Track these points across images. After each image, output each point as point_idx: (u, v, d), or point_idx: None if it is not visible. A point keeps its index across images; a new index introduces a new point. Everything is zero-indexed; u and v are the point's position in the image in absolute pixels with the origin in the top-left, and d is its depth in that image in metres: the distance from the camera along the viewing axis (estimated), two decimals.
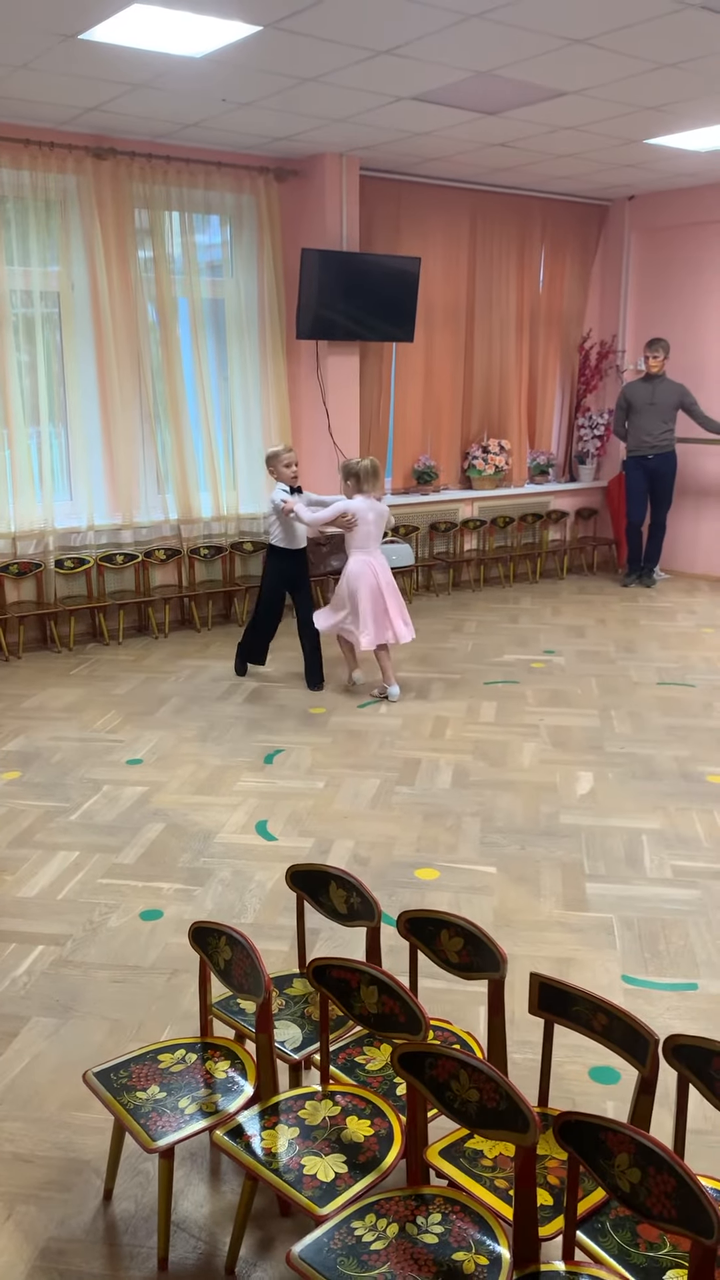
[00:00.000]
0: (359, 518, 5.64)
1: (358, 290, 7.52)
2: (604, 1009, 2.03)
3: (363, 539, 5.68)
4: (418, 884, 3.77)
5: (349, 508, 5.63)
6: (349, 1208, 1.88)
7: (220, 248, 7.51)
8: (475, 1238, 1.80)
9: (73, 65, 5.25)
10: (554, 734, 5.31)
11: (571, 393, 9.56)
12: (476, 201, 8.44)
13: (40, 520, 6.86)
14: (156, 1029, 2.93)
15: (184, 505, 7.42)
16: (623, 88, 5.73)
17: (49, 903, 3.63)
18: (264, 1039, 2.16)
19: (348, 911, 2.48)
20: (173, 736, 5.28)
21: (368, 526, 5.67)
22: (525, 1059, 2.75)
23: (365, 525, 5.65)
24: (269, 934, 3.41)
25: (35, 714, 5.61)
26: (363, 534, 5.67)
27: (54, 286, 6.77)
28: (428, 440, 8.72)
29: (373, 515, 5.69)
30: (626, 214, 9.15)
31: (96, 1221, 2.27)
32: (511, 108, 6.13)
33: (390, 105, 6.07)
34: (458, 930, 2.28)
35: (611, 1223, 1.87)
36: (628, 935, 3.42)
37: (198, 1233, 2.24)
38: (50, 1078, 2.73)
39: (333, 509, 5.66)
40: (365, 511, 5.65)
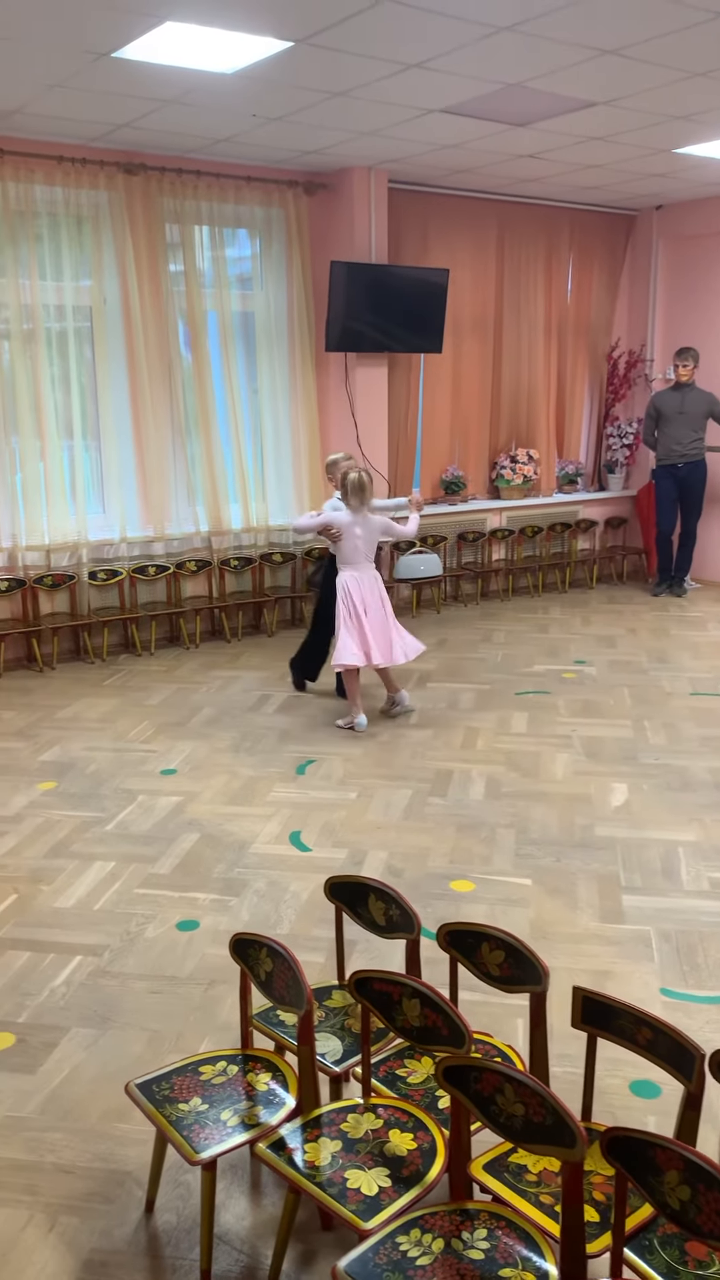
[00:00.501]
0: (344, 531, 5.45)
1: (386, 302, 7.54)
2: (648, 1023, 2.02)
3: (349, 553, 5.48)
4: (452, 896, 3.76)
5: (332, 519, 5.48)
6: (394, 1222, 1.88)
7: (250, 261, 7.56)
8: (522, 1254, 1.79)
9: (105, 83, 5.31)
10: (587, 745, 5.29)
11: (600, 402, 9.54)
12: (504, 213, 8.46)
13: (74, 532, 6.91)
14: (195, 1040, 2.94)
15: (214, 517, 7.46)
16: (652, 98, 5.73)
17: (86, 913, 3.65)
18: (306, 1051, 2.16)
19: (387, 924, 2.47)
20: (205, 747, 5.30)
21: (354, 541, 5.46)
22: (564, 1072, 2.73)
23: (351, 540, 5.46)
24: (305, 945, 3.41)
25: (70, 724, 5.65)
26: (349, 548, 5.47)
27: (86, 301, 6.84)
28: (455, 450, 8.72)
29: (360, 530, 5.47)
30: (655, 223, 9.13)
31: (139, 1233, 2.27)
32: (541, 119, 6.14)
33: (419, 118, 6.09)
34: (499, 943, 2.28)
35: (659, 1240, 1.86)
36: (666, 948, 3.40)
37: (240, 1245, 2.24)
38: (90, 1088, 2.74)
39: (320, 519, 5.53)
40: (350, 525, 5.45)
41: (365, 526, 5.48)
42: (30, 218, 6.48)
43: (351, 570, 5.51)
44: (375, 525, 5.52)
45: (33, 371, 6.63)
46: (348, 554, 5.50)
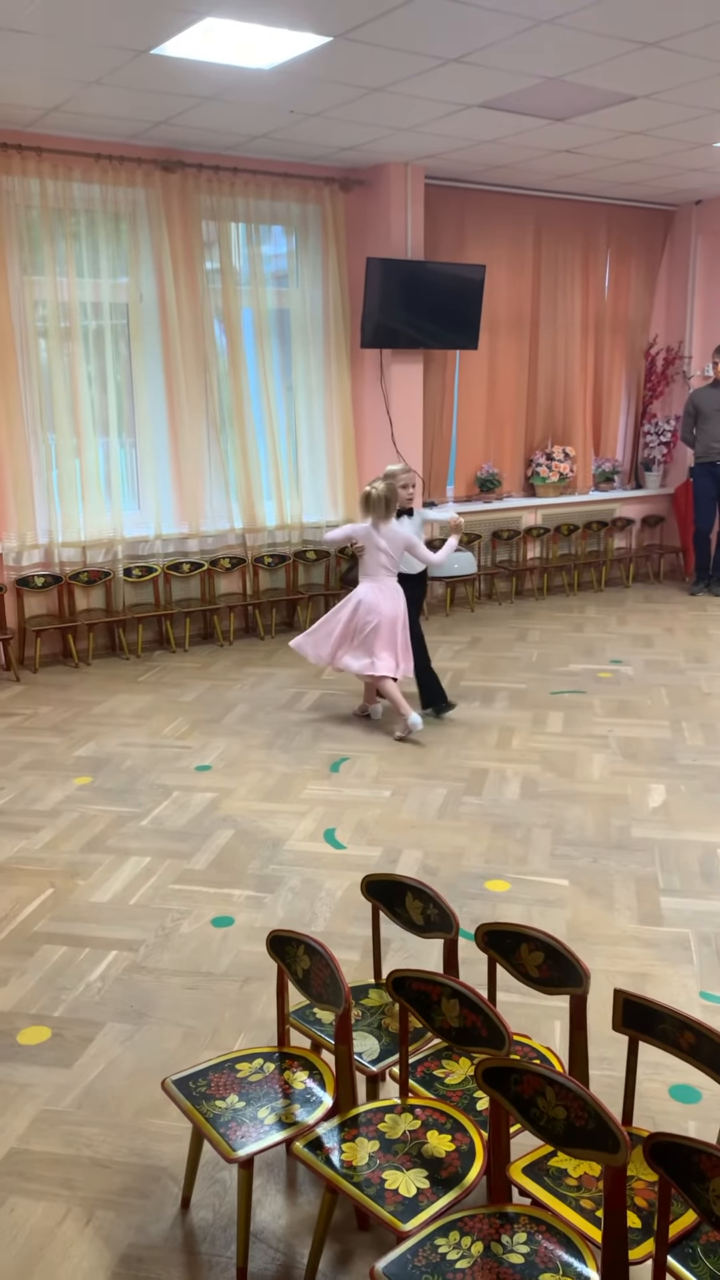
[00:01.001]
0: (365, 544, 5.39)
1: (422, 299, 7.51)
2: (691, 1027, 1.98)
3: (370, 566, 5.42)
4: (488, 896, 3.73)
5: (353, 533, 5.45)
6: (432, 1224, 1.86)
7: (286, 258, 7.55)
8: (563, 1259, 1.77)
9: (144, 80, 5.32)
10: (624, 745, 5.24)
11: (637, 399, 9.45)
12: (541, 208, 8.40)
13: (109, 529, 6.94)
14: (230, 1037, 2.93)
15: (249, 514, 7.46)
16: (693, 90, 5.66)
17: (121, 908, 3.66)
18: (344, 1050, 2.14)
19: (424, 923, 2.46)
20: (240, 743, 5.30)
21: (375, 555, 5.38)
22: (603, 1075, 2.70)
23: (372, 553, 5.37)
24: (340, 943, 3.40)
25: (105, 720, 5.67)
26: (369, 561, 5.40)
27: (123, 298, 6.86)
28: (491, 448, 8.67)
29: (384, 543, 5.36)
30: (694, 218, 9.04)
31: (175, 1229, 2.27)
32: (580, 113, 6.09)
33: (458, 113, 6.06)
34: (538, 944, 2.25)
35: (703, 1248, 1.82)
36: (705, 951, 3.35)
37: (276, 1244, 2.23)
38: (126, 1083, 2.74)
39: (341, 531, 5.52)
40: (370, 536, 5.37)
41: (389, 539, 5.37)
42: (68, 215, 6.51)
43: (370, 582, 5.44)
44: (398, 540, 5.38)
45: (69, 369, 6.66)
46: (368, 566, 5.44)
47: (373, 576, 5.44)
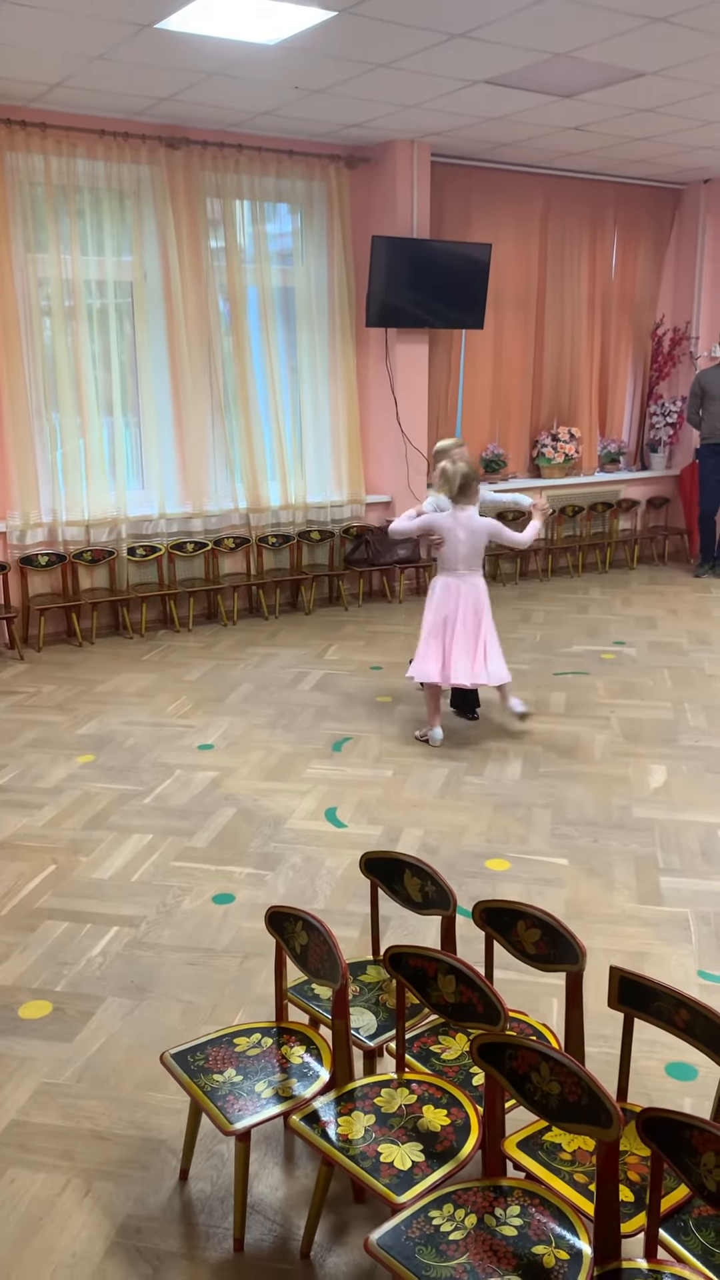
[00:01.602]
0: (446, 536, 4.89)
1: (427, 277, 7.47)
2: (687, 1004, 1.99)
3: (449, 559, 4.92)
4: (488, 874, 3.75)
5: (431, 522, 4.91)
6: (427, 1196, 1.88)
7: (291, 236, 7.51)
8: (555, 1232, 1.79)
9: (149, 55, 5.28)
10: (625, 726, 5.24)
11: (644, 380, 9.41)
12: (548, 187, 8.34)
13: (113, 508, 6.94)
14: (230, 1012, 2.95)
15: (253, 494, 7.45)
16: (703, 67, 5.60)
17: (123, 885, 3.68)
18: (340, 1025, 2.16)
19: (422, 900, 2.47)
20: (243, 723, 5.31)
21: (456, 545, 4.89)
22: (599, 1052, 2.72)
23: (454, 544, 4.88)
24: (339, 920, 3.41)
25: (109, 699, 5.68)
26: (449, 553, 4.91)
27: (127, 276, 6.84)
28: (496, 428, 8.64)
29: (464, 534, 4.87)
30: (702, 197, 8.97)
31: (173, 1201, 2.29)
32: (588, 90, 6.04)
33: (464, 90, 6.01)
34: (535, 921, 2.26)
35: (695, 1221, 1.84)
36: (704, 930, 3.36)
37: (273, 1215, 2.25)
38: (126, 1057, 2.77)
39: (419, 521, 4.95)
40: (453, 529, 4.87)
41: (469, 529, 4.88)
42: (72, 192, 6.48)
43: (448, 576, 4.95)
44: (481, 528, 4.89)
45: (73, 347, 6.64)
46: (447, 558, 4.93)
47: (451, 569, 4.94)
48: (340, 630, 7.12)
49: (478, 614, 4.95)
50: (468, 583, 4.95)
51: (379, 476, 8.09)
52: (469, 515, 4.89)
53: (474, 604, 4.95)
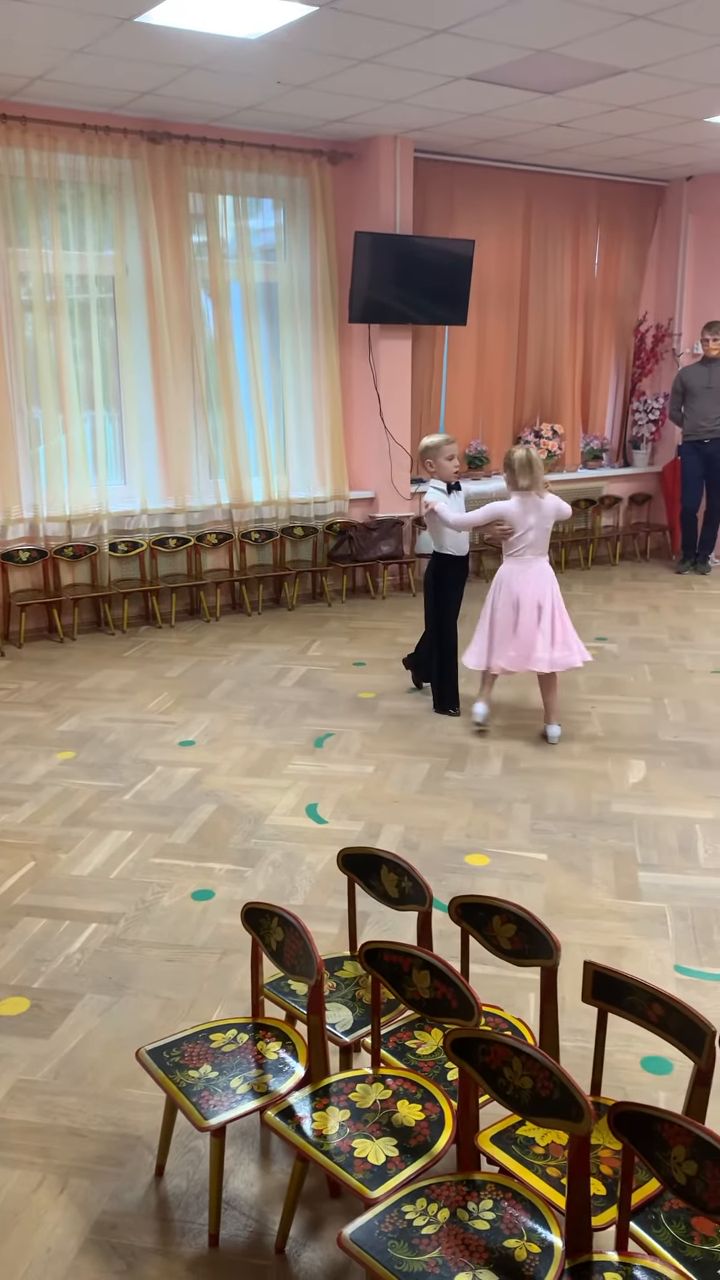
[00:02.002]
0: (516, 524, 4.80)
1: (410, 273, 7.47)
2: (660, 999, 2.00)
3: (519, 544, 4.84)
4: (468, 870, 3.76)
5: (502, 511, 4.79)
6: (400, 1191, 1.88)
7: (273, 231, 7.50)
8: (527, 1225, 1.80)
9: (129, 49, 5.26)
10: (606, 722, 5.26)
11: (626, 376, 9.43)
12: (531, 183, 8.34)
13: (95, 504, 6.92)
14: (208, 1008, 2.95)
15: (235, 489, 7.44)
16: (683, 64, 5.62)
17: (102, 881, 3.67)
18: (316, 1021, 2.16)
19: (399, 895, 2.47)
20: (224, 719, 5.30)
21: (525, 532, 4.81)
22: (575, 1046, 2.72)
23: (523, 530, 4.80)
24: (319, 916, 3.42)
25: (90, 695, 5.67)
26: (519, 539, 4.83)
27: (109, 271, 6.81)
28: (480, 424, 8.65)
29: (534, 519, 4.78)
30: (684, 195, 8.99)
31: (148, 1197, 2.29)
32: (569, 87, 6.05)
33: (446, 86, 6.01)
34: (510, 916, 2.27)
35: (665, 1214, 1.85)
36: (681, 925, 3.38)
37: (248, 1211, 2.25)
38: (103, 1054, 2.76)
39: (485, 511, 4.84)
40: (523, 516, 4.78)
41: (539, 513, 4.77)
42: (53, 186, 6.45)
43: (516, 562, 4.84)
44: (549, 509, 4.78)
45: (55, 342, 6.62)
46: (515, 544, 4.81)
47: (519, 555, 4.85)
48: (323, 626, 7.12)
49: (541, 601, 4.85)
50: (533, 569, 4.86)
51: (362, 472, 8.09)
52: (535, 500, 4.80)
53: (542, 589, 4.85)
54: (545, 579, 4.89)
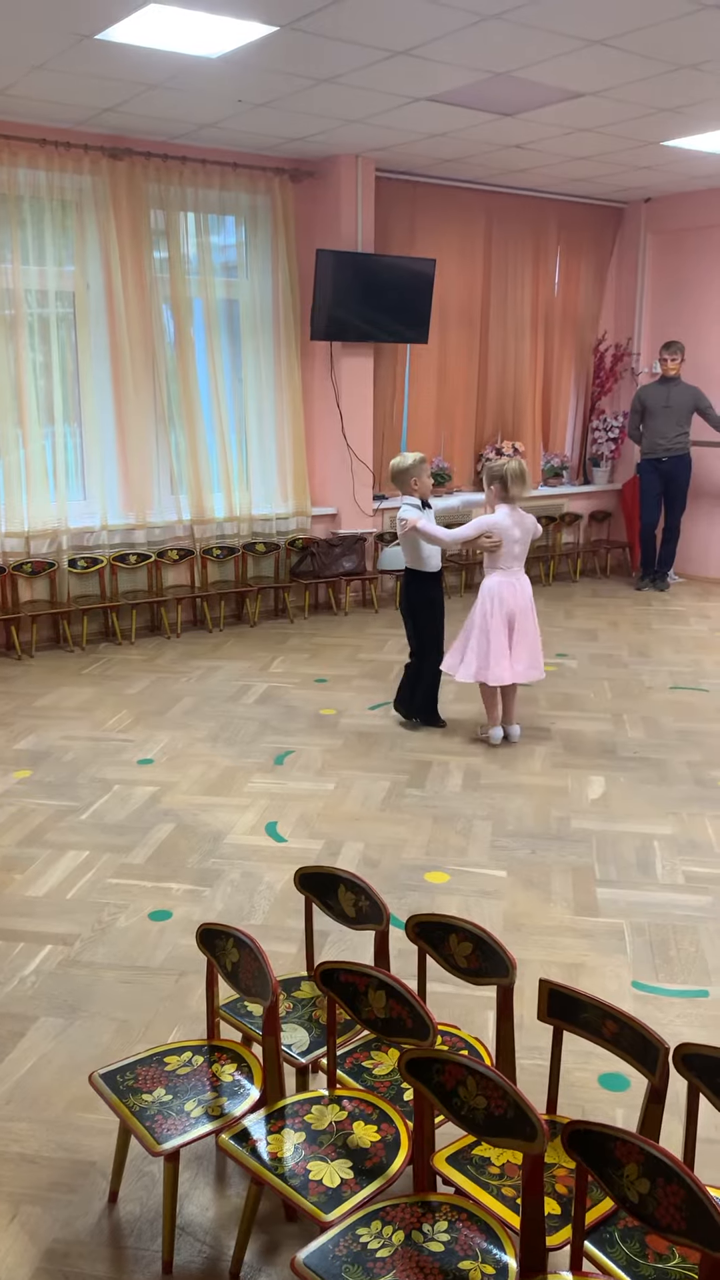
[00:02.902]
0: (504, 536, 4.90)
1: (372, 291, 7.51)
2: (613, 1016, 2.01)
3: (505, 557, 4.95)
4: (427, 887, 3.75)
5: (493, 524, 4.89)
6: (355, 1214, 1.87)
7: (235, 248, 7.51)
8: (482, 1246, 1.79)
9: (89, 66, 5.26)
10: (565, 738, 5.28)
11: (586, 395, 9.53)
12: (492, 203, 8.42)
13: (54, 519, 6.87)
14: (164, 1030, 2.92)
15: (197, 505, 7.42)
16: (641, 89, 5.70)
17: (58, 902, 3.63)
18: (270, 1042, 2.14)
19: (356, 915, 2.46)
20: (184, 737, 5.27)
21: (511, 545, 4.92)
22: (535, 1064, 2.72)
23: (509, 543, 4.90)
24: (278, 936, 3.39)
25: (47, 713, 5.61)
26: (505, 552, 4.94)
27: (69, 287, 6.79)
28: (441, 442, 8.70)
29: (519, 532, 4.92)
30: (643, 216, 9.12)
31: (101, 1224, 2.26)
32: (528, 109, 6.12)
33: (406, 106, 6.06)
34: (466, 935, 2.27)
35: (620, 1233, 1.85)
36: (639, 941, 3.39)
37: (203, 1236, 2.23)
38: (57, 1078, 2.72)
39: (473, 525, 4.93)
40: (511, 528, 4.90)
41: (523, 526, 4.91)
42: (13, 201, 6.42)
43: (504, 575, 4.95)
44: (530, 524, 4.95)
45: (15, 357, 6.57)
46: (503, 557, 4.93)
47: (506, 568, 4.96)
48: (285, 643, 7.11)
49: (530, 611, 5.05)
50: (521, 580, 5.04)
51: (324, 489, 8.11)
52: (520, 514, 4.97)
53: (528, 601, 5.05)
54: (528, 591, 5.06)
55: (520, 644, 5.01)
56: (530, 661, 5.04)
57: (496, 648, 4.98)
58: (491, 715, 5.19)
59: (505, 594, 4.97)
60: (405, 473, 5.11)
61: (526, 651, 5.02)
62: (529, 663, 5.03)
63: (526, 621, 5.03)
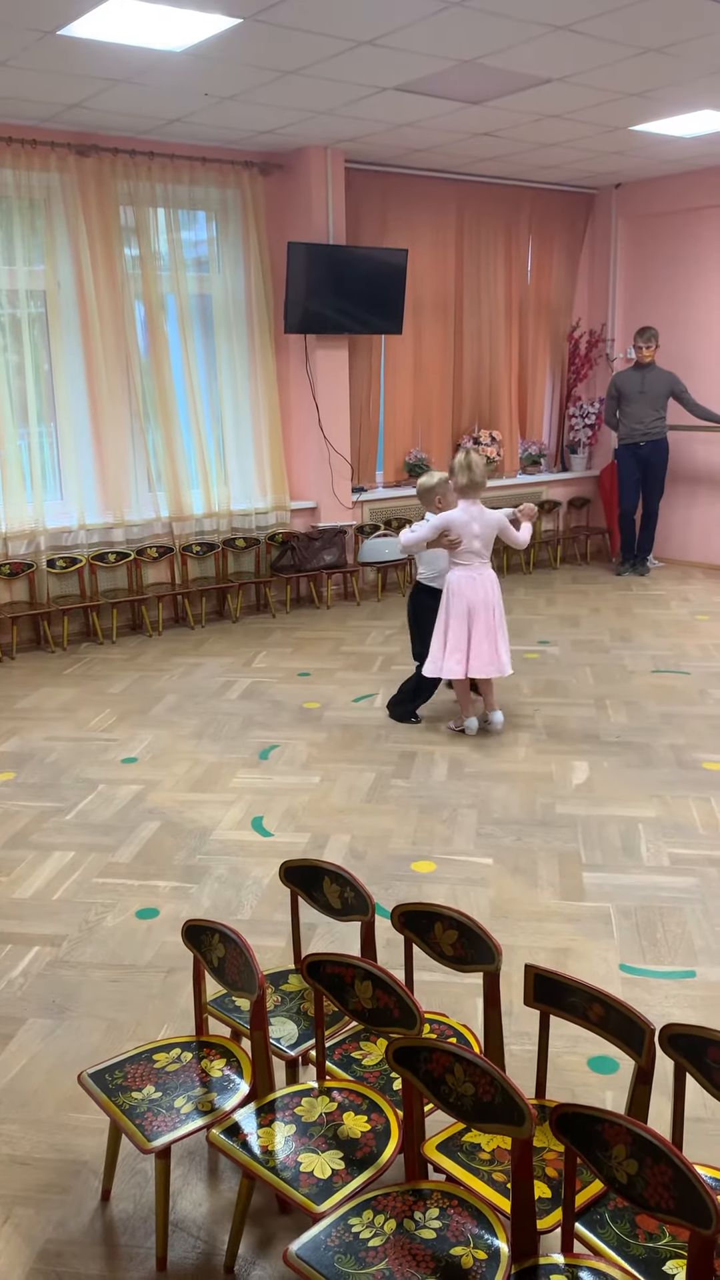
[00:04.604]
0: (462, 531, 4.95)
1: (345, 283, 7.50)
2: (600, 999, 2.02)
3: (465, 552, 4.99)
4: (414, 877, 3.76)
5: (448, 521, 4.94)
6: (346, 1204, 1.87)
7: (207, 243, 7.48)
8: (473, 1232, 1.79)
9: (53, 62, 5.22)
10: (549, 724, 5.30)
11: (562, 382, 9.54)
12: (463, 192, 8.41)
13: (31, 520, 6.83)
14: (153, 1028, 2.92)
15: (175, 502, 7.39)
16: (607, 74, 5.70)
17: (45, 903, 3.62)
18: (259, 1036, 2.14)
19: (341, 906, 2.46)
20: (168, 734, 5.26)
21: (470, 540, 4.96)
22: (525, 1050, 2.73)
23: (468, 538, 4.95)
24: (266, 930, 3.39)
25: (30, 714, 5.59)
26: (465, 547, 4.97)
27: (40, 285, 6.74)
28: (418, 433, 8.69)
29: (478, 527, 4.95)
30: (614, 202, 9.12)
31: (94, 1223, 2.26)
32: (496, 96, 6.11)
33: (373, 96, 6.04)
34: (452, 923, 2.27)
35: (610, 1214, 1.86)
36: (625, 924, 3.41)
37: (196, 1232, 2.23)
38: (47, 1079, 2.72)
39: (429, 525, 4.96)
40: (468, 524, 4.94)
41: (482, 521, 4.94)
42: None
43: (465, 569, 5.00)
44: (492, 520, 4.98)
45: None
46: (463, 552, 4.99)
47: (467, 564, 5.01)
48: (268, 638, 7.10)
49: (493, 605, 5.06)
50: (483, 575, 5.05)
51: (303, 482, 8.09)
52: (479, 508, 4.97)
53: (490, 595, 5.05)
54: (492, 586, 5.06)
55: (484, 639, 5.01)
56: (489, 658, 5.02)
57: (452, 642, 5.01)
58: (465, 708, 5.20)
59: (465, 588, 5.00)
60: (430, 491, 5.16)
61: (487, 647, 5.02)
62: (488, 659, 5.01)
63: (491, 617, 5.03)
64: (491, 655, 5.03)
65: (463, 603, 5.00)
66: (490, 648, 5.02)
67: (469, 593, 5.00)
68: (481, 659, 5.01)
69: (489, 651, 5.02)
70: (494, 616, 5.05)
